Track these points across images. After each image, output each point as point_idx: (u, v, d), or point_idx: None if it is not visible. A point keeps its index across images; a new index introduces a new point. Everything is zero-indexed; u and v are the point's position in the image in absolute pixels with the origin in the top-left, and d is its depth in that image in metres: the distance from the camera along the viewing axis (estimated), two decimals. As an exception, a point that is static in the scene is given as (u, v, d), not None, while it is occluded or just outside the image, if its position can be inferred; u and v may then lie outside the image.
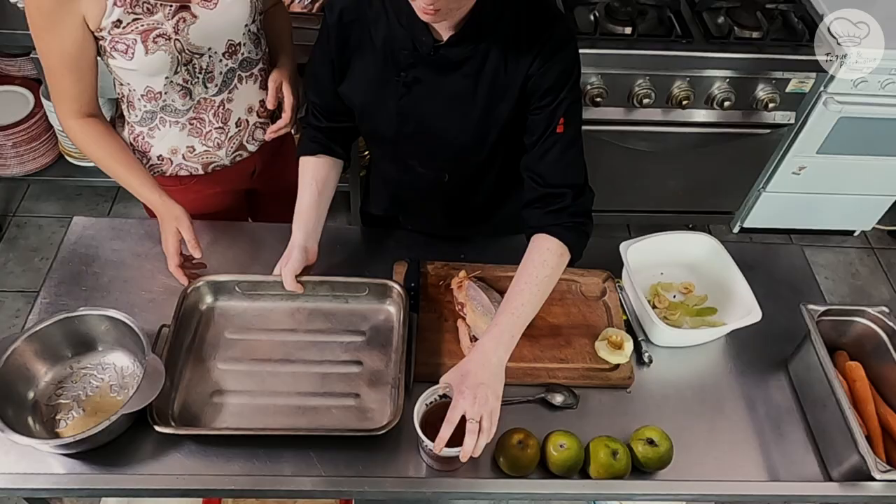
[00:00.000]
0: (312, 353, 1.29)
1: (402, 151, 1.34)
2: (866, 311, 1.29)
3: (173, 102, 1.37)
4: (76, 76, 1.29)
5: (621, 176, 2.51)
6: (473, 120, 1.21)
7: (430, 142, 1.28)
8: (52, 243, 2.64)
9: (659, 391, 1.31)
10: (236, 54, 1.38)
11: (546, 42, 1.13)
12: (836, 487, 1.17)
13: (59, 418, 1.18)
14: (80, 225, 1.48)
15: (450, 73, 1.17)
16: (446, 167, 1.35)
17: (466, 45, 1.14)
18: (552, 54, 1.14)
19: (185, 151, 1.46)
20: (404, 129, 1.26)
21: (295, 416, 1.20)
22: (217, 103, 1.42)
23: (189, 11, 1.27)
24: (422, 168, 1.35)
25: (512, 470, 1.15)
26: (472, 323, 1.30)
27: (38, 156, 2.48)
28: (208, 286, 1.33)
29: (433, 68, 1.17)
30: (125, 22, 1.22)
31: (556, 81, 1.15)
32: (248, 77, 1.44)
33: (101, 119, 1.39)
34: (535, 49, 1.13)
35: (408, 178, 1.39)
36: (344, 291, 1.36)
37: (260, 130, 1.52)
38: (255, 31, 1.39)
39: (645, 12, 2.21)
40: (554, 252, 1.19)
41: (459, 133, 1.24)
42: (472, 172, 1.36)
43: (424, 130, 1.25)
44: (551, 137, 1.19)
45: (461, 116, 1.22)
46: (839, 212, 2.77)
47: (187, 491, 1.11)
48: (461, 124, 1.23)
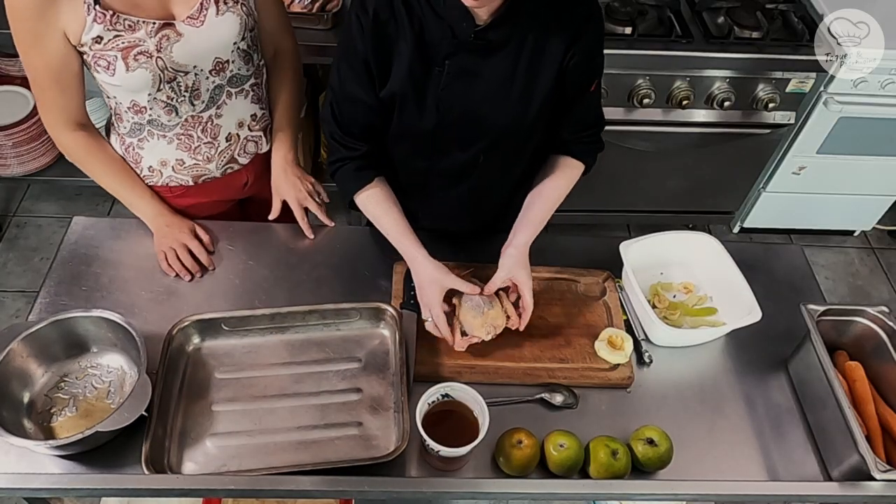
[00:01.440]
0: (309, 385, 1.25)
1: (440, 140, 1.33)
2: (866, 311, 1.29)
3: (159, 118, 1.35)
4: (60, 88, 1.27)
5: (621, 176, 2.51)
6: (515, 99, 1.24)
7: (471, 126, 1.29)
8: (52, 243, 2.64)
9: (659, 391, 1.30)
10: (224, 71, 1.34)
11: (581, 14, 1.20)
12: (836, 487, 1.17)
13: (54, 412, 1.19)
14: (80, 225, 1.48)
15: (491, 57, 1.19)
16: (484, 148, 1.35)
17: (506, 26, 1.15)
18: (588, 25, 1.21)
19: (175, 164, 1.44)
20: (446, 118, 1.26)
21: (297, 451, 1.17)
22: (205, 119, 1.39)
23: (173, 29, 1.24)
24: (459, 152, 1.35)
25: (512, 470, 1.15)
26: (463, 319, 1.29)
27: (38, 156, 2.48)
28: (193, 326, 1.27)
29: (475, 53, 1.18)
30: (106, 38, 1.20)
31: (592, 49, 1.25)
32: (237, 93, 1.41)
33: (90, 131, 1.38)
34: (574, 23, 1.19)
35: (441, 165, 1.38)
36: (335, 318, 1.32)
37: (252, 144, 1.49)
38: (244, 48, 1.35)
39: (645, 12, 2.21)
40: (577, 172, 1.40)
41: (501, 114, 1.26)
42: (507, 153, 1.37)
43: (466, 116, 1.26)
44: (587, 94, 1.31)
45: (503, 98, 1.24)
46: (839, 212, 2.77)
47: (187, 491, 1.11)
48: (503, 105, 1.25)
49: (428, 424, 1.11)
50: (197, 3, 1.25)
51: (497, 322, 1.27)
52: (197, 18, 1.25)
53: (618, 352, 1.30)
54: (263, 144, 1.52)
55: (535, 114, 1.27)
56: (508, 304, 1.30)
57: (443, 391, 1.15)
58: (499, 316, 1.28)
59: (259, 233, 1.51)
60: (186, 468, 1.15)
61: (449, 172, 1.40)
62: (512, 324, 1.29)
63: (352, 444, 1.19)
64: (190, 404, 1.22)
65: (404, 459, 1.17)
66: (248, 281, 1.40)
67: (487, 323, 1.26)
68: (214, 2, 1.26)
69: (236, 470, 1.15)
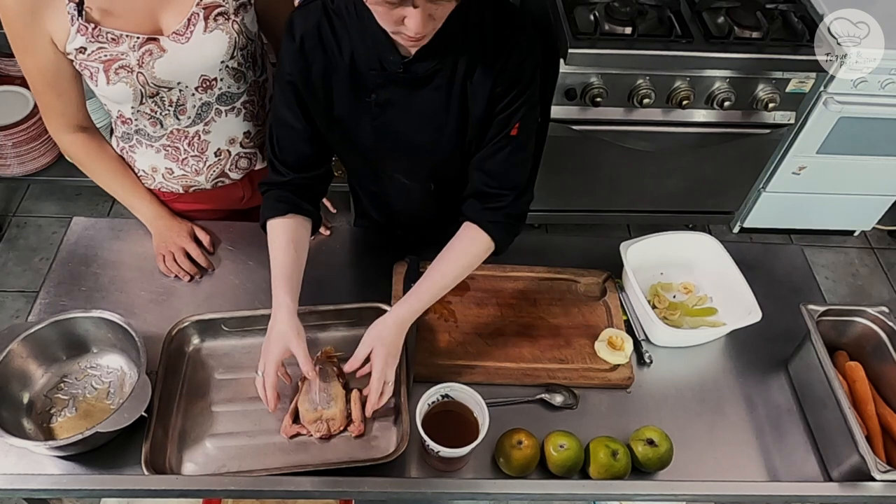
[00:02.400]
0: None
1: (385, 166, 1.32)
2: (866, 311, 1.29)
3: (144, 128, 1.34)
4: (56, 93, 1.26)
5: (621, 176, 2.51)
6: (449, 132, 1.20)
7: (410, 156, 1.27)
8: (52, 243, 2.64)
9: (659, 391, 1.30)
10: (211, 89, 1.31)
11: (512, 49, 1.13)
12: (836, 487, 1.17)
13: (54, 413, 1.19)
14: (79, 225, 1.48)
15: (420, 89, 1.16)
16: (431, 177, 1.33)
17: (434, 59, 1.12)
18: (519, 62, 1.14)
19: (164, 172, 1.42)
20: (383, 145, 1.24)
21: (296, 452, 1.17)
22: (191, 134, 1.36)
23: (157, 44, 1.21)
24: (407, 180, 1.34)
25: (512, 470, 1.15)
26: (300, 405, 1.20)
27: (38, 156, 2.48)
28: (193, 327, 1.27)
29: (403, 86, 1.15)
30: (90, 49, 1.18)
31: (518, 88, 1.16)
32: (228, 111, 1.37)
33: (91, 132, 1.38)
34: (502, 57, 1.13)
35: (394, 190, 1.38)
36: (335, 318, 1.31)
37: (245, 160, 1.46)
38: (234, 66, 1.31)
39: (645, 12, 2.21)
40: (482, 245, 1.24)
41: (437, 146, 1.23)
42: (457, 177, 1.32)
43: (402, 146, 1.24)
44: (505, 139, 1.20)
45: (436, 130, 1.20)
46: (839, 212, 2.77)
47: (187, 491, 1.11)
48: (437, 137, 1.21)
49: (428, 425, 1.11)
50: (184, 18, 1.22)
51: (333, 424, 1.18)
52: (183, 35, 1.22)
53: (618, 352, 1.29)
54: (258, 161, 1.49)
55: (474, 144, 1.23)
56: (356, 407, 1.19)
57: (443, 392, 1.15)
58: (336, 418, 1.18)
59: (259, 233, 1.49)
60: (186, 469, 1.15)
61: (407, 196, 1.38)
62: (352, 430, 1.18)
63: (352, 444, 1.19)
64: (190, 405, 1.22)
65: (404, 460, 1.17)
66: (248, 281, 1.40)
67: (321, 421, 1.18)
68: (203, 18, 1.22)
69: (236, 470, 1.15)
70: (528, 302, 1.40)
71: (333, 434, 1.19)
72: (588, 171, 2.47)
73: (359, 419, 1.19)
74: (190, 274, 1.38)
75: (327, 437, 1.18)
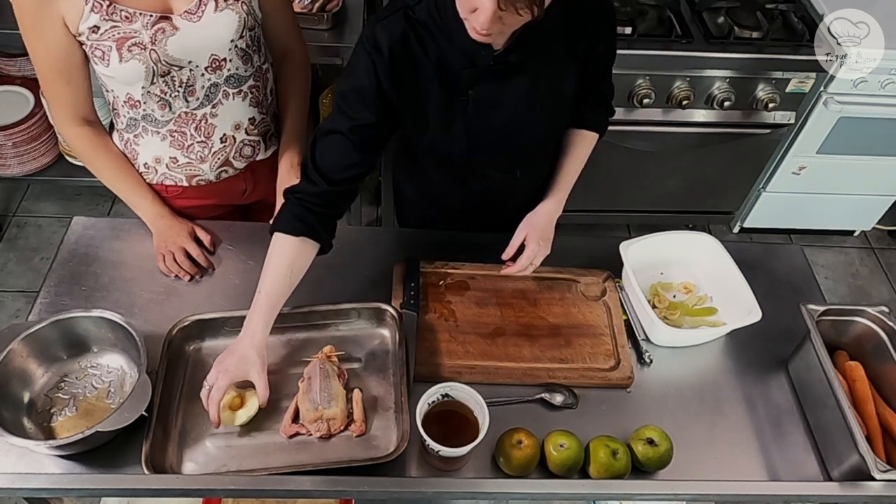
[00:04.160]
0: None
1: (475, 165, 1.34)
2: (866, 311, 1.29)
3: (153, 112, 1.35)
4: (65, 80, 1.28)
5: (621, 176, 2.51)
6: (543, 112, 1.25)
7: (504, 147, 1.30)
8: (52, 243, 2.64)
9: (659, 391, 1.31)
10: (220, 69, 1.33)
11: (594, 13, 1.22)
12: (836, 487, 1.17)
13: (54, 412, 1.19)
14: (80, 225, 1.48)
15: (514, 77, 1.20)
16: (520, 164, 1.37)
17: (524, 47, 1.16)
18: (604, 23, 1.24)
19: (168, 161, 1.43)
20: (477, 143, 1.27)
21: (296, 451, 1.17)
22: (199, 117, 1.38)
23: (170, 23, 1.24)
24: (496, 173, 1.37)
25: (512, 470, 1.15)
26: (300, 404, 1.19)
27: (38, 156, 2.48)
28: (193, 326, 1.26)
29: (497, 77, 1.19)
30: (103, 28, 1.21)
31: (609, 41, 1.29)
32: (235, 93, 1.39)
33: (96, 127, 1.38)
34: (588, 26, 1.21)
35: (479, 188, 1.41)
36: (335, 318, 1.31)
37: (249, 148, 1.48)
38: (243, 47, 1.34)
39: (645, 12, 2.21)
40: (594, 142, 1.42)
41: (532, 129, 1.28)
42: (544, 160, 1.39)
43: (497, 139, 1.28)
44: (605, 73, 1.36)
45: (530, 113, 1.25)
46: (839, 212, 2.77)
47: (187, 491, 1.11)
48: (532, 121, 1.26)
49: (428, 424, 1.11)
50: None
51: (334, 424, 1.18)
52: (194, 13, 1.25)
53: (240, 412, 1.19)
54: (261, 150, 1.51)
55: (567, 117, 1.30)
56: (358, 408, 1.20)
57: (443, 391, 1.15)
58: (337, 417, 1.18)
59: (259, 233, 1.50)
60: (186, 468, 1.15)
61: (488, 191, 1.42)
62: (353, 430, 1.19)
63: (352, 444, 1.19)
64: (190, 404, 1.21)
65: (404, 459, 1.17)
66: (249, 281, 1.40)
67: (321, 421, 1.17)
68: None
69: (236, 470, 1.15)
70: (528, 302, 1.40)
71: (334, 434, 1.19)
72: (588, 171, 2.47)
73: (360, 419, 1.19)
74: (190, 274, 1.38)
75: (327, 436, 1.18)
